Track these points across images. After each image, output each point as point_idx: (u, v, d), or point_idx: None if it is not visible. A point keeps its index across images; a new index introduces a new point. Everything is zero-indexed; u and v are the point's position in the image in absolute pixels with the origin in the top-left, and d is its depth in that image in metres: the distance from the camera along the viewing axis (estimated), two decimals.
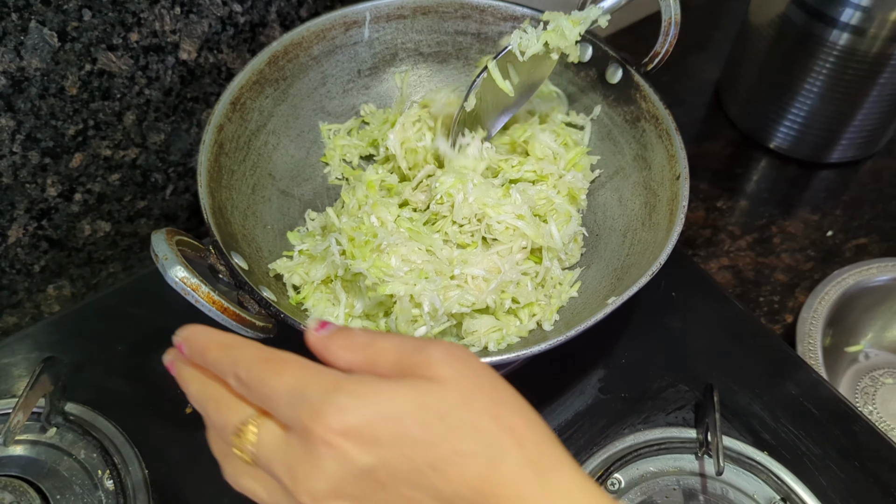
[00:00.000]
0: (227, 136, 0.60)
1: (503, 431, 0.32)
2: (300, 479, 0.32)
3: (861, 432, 0.63)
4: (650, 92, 0.62)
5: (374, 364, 0.35)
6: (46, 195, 0.66)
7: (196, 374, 0.38)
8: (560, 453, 0.33)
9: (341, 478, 0.31)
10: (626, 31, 1.10)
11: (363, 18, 0.68)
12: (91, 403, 0.62)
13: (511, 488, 0.31)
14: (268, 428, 0.34)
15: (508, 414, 0.33)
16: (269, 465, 0.33)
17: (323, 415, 0.31)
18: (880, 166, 0.94)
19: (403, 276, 0.54)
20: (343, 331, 0.36)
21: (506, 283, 0.56)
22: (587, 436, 0.62)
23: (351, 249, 0.55)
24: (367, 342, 0.35)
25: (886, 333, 0.82)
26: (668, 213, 0.57)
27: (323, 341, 0.36)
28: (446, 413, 0.32)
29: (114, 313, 0.69)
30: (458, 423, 0.32)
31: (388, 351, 0.35)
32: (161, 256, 0.44)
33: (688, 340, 0.69)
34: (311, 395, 0.32)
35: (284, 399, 0.33)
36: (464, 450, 0.31)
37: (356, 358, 0.35)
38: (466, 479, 0.31)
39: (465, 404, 0.32)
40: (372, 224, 0.57)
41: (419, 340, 0.35)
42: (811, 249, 0.85)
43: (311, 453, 0.31)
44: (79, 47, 0.60)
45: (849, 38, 0.79)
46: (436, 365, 0.33)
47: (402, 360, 0.34)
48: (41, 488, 0.57)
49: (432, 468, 0.31)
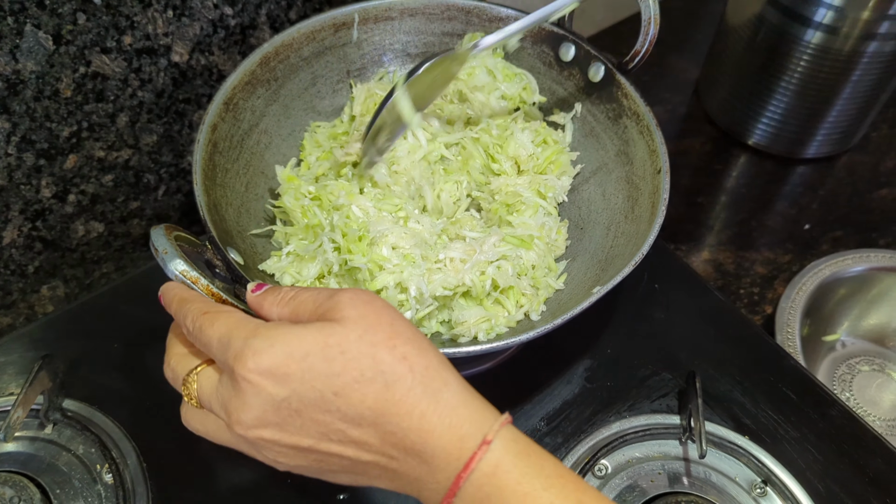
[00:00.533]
0: (221, 135, 0.61)
1: (396, 360, 0.38)
2: (231, 413, 0.38)
3: (838, 416, 0.65)
4: (631, 90, 0.64)
5: (298, 314, 0.41)
6: (41, 196, 0.67)
7: (170, 338, 0.46)
8: (448, 375, 0.39)
9: (263, 409, 0.37)
10: (607, 31, 1.12)
11: (352, 20, 0.70)
12: (89, 400, 0.63)
13: (404, 406, 0.37)
14: (206, 374, 0.41)
15: (402, 344, 0.38)
16: (210, 405, 0.41)
17: (243, 357, 0.37)
18: (855, 161, 0.97)
19: (392, 267, 0.56)
20: (274, 288, 0.43)
21: (483, 264, 0.58)
22: (574, 423, 0.64)
23: (346, 245, 0.57)
24: (292, 296, 0.42)
25: (862, 322, 0.84)
26: (650, 206, 0.59)
27: (258, 299, 0.43)
28: (347, 348, 0.37)
29: (108, 312, 0.70)
30: (357, 354, 0.37)
31: (308, 301, 0.41)
32: (161, 250, 0.45)
33: (671, 331, 0.71)
34: (234, 341, 0.38)
35: (216, 346, 0.39)
36: (362, 377, 0.37)
37: (284, 311, 0.42)
38: (366, 402, 0.37)
39: (364, 338, 0.38)
40: (358, 217, 0.58)
41: (332, 290, 0.41)
42: (789, 242, 0.88)
43: (237, 391, 0.38)
44: (73, 50, 0.61)
45: (823, 37, 0.81)
46: (343, 307, 0.39)
47: (318, 308, 0.40)
48: (41, 483, 0.58)
49: (336, 395, 0.37)
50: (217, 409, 0.40)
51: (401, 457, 0.38)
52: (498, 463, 0.37)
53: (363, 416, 0.37)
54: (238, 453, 0.42)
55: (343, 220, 0.59)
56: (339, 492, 0.60)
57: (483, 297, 0.59)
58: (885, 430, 0.78)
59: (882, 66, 0.83)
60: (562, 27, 0.69)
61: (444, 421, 0.37)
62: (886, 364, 0.82)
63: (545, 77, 0.72)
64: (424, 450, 0.37)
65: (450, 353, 0.52)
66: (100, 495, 0.58)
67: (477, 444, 0.37)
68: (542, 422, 0.64)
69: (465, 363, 0.67)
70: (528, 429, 0.64)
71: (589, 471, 0.60)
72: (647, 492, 0.59)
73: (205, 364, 0.42)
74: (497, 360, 0.67)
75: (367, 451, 0.38)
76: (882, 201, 0.92)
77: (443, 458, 0.37)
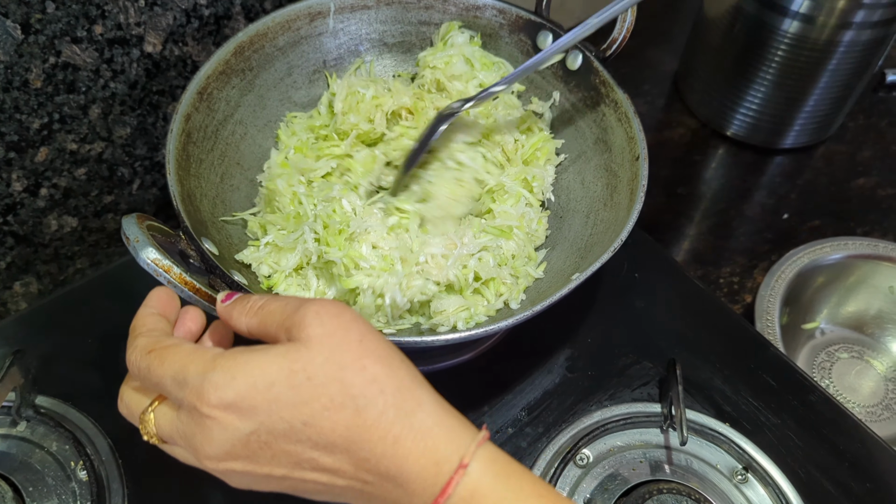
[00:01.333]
0: (195, 125, 0.60)
1: (367, 382, 0.36)
2: (198, 449, 0.37)
3: (817, 402, 0.65)
4: (608, 77, 0.64)
5: (265, 325, 0.39)
6: (11, 190, 0.66)
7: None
8: (421, 394, 0.37)
9: (230, 443, 0.36)
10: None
11: (327, 9, 0.69)
12: (62, 396, 0.62)
13: (377, 431, 0.36)
14: (162, 412, 0.39)
15: (371, 364, 0.37)
16: (172, 440, 0.39)
17: (204, 394, 0.36)
18: (832, 151, 0.97)
19: (369, 268, 0.55)
20: (242, 298, 0.42)
21: (465, 258, 0.57)
22: (556, 413, 0.64)
23: (325, 237, 0.56)
24: (260, 305, 0.40)
25: (841, 310, 0.85)
26: (628, 193, 0.59)
27: (227, 309, 0.42)
28: (314, 374, 0.36)
29: (82, 307, 0.69)
30: (324, 380, 0.36)
31: (276, 312, 0.39)
32: (132, 239, 0.45)
33: (651, 320, 0.71)
34: (190, 378, 0.36)
35: (170, 385, 0.37)
36: (331, 404, 0.35)
37: (252, 321, 0.40)
38: (337, 430, 0.35)
39: (331, 361, 0.36)
40: (345, 210, 0.58)
41: (299, 301, 0.39)
42: (768, 232, 0.88)
43: (201, 427, 0.36)
44: (42, 40, 0.60)
45: (799, 27, 0.81)
46: (309, 324, 0.37)
47: (286, 320, 0.38)
48: (13, 481, 0.57)
49: (305, 424, 0.35)
50: (181, 443, 0.38)
51: (376, 482, 0.36)
52: (476, 487, 0.36)
53: (335, 444, 0.36)
54: None
55: (328, 211, 0.58)
56: None
57: (464, 289, 0.59)
58: (865, 416, 0.78)
59: (858, 55, 0.83)
60: (540, 16, 0.69)
61: (419, 445, 0.36)
62: (865, 351, 0.83)
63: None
64: (400, 474, 0.36)
65: (429, 342, 0.52)
66: (74, 493, 0.57)
67: (453, 468, 0.36)
68: (523, 412, 0.64)
69: (445, 353, 0.66)
70: (510, 419, 0.63)
71: (570, 460, 0.60)
72: (628, 480, 0.59)
73: (157, 400, 0.40)
74: (477, 350, 0.67)
75: (341, 476, 0.37)
76: (859, 190, 0.93)
77: (419, 483, 0.36)
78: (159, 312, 0.44)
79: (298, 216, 0.60)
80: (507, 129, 0.66)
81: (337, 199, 0.58)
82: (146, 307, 0.44)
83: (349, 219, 0.57)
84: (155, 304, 0.44)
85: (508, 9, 0.70)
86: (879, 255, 0.82)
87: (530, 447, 0.62)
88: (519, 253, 0.61)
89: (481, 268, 0.57)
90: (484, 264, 0.58)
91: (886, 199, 0.92)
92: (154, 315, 0.43)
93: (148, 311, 0.44)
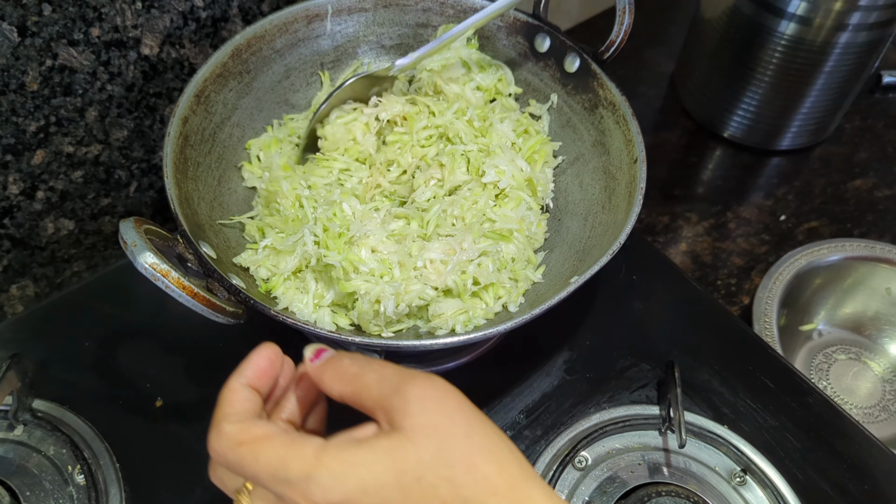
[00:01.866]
0: (192, 128, 0.60)
1: (478, 483, 0.35)
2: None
3: (815, 404, 0.65)
4: (606, 80, 0.64)
5: (360, 397, 0.38)
6: (8, 193, 0.66)
7: None
8: (532, 492, 0.36)
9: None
10: (584, 25, 1.12)
11: (325, 12, 0.69)
12: (59, 400, 0.62)
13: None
14: (260, 495, 0.37)
15: (482, 462, 0.35)
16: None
17: (310, 495, 0.34)
18: (829, 152, 0.97)
19: (367, 273, 0.55)
20: (334, 361, 0.40)
21: (464, 263, 0.57)
22: (554, 416, 0.64)
23: (325, 240, 0.56)
24: (354, 374, 0.38)
25: (838, 311, 0.85)
26: (626, 196, 0.59)
27: (317, 371, 0.40)
28: (422, 475, 0.34)
29: (79, 310, 0.69)
30: (434, 480, 0.34)
31: (373, 387, 0.37)
32: (130, 243, 0.44)
33: (649, 322, 0.71)
34: (293, 477, 0.34)
35: (268, 480, 0.35)
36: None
37: (345, 390, 0.38)
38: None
39: (441, 459, 0.35)
40: (345, 213, 0.58)
41: (398, 378, 0.37)
42: (765, 233, 0.88)
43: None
44: (39, 42, 0.60)
45: (796, 28, 0.81)
46: (412, 414, 0.35)
47: (384, 400, 0.36)
48: (10, 486, 0.57)
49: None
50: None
51: None
52: None
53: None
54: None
55: (329, 214, 0.58)
56: None
57: (463, 293, 0.58)
58: (862, 417, 0.78)
59: (854, 56, 0.84)
60: (537, 18, 0.69)
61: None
62: (863, 353, 0.83)
63: (521, 68, 0.71)
64: None
65: (427, 346, 0.52)
66: (72, 497, 0.57)
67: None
68: (521, 414, 0.64)
69: (443, 356, 0.66)
70: (508, 422, 0.63)
71: (569, 463, 0.60)
72: (627, 483, 0.59)
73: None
74: (476, 352, 0.67)
75: None
76: (856, 191, 0.93)
77: None
78: (252, 384, 0.40)
79: (297, 219, 0.60)
80: (503, 132, 0.66)
81: (338, 203, 0.58)
82: (240, 376, 0.40)
83: (349, 222, 0.57)
84: (251, 374, 0.41)
85: (506, 11, 0.69)
86: (877, 256, 0.82)
87: (529, 450, 0.62)
88: (518, 256, 0.61)
89: (480, 273, 0.57)
90: (483, 269, 0.58)
91: (883, 200, 0.92)
92: (245, 390, 0.40)
93: (239, 383, 0.40)
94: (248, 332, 0.52)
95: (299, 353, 0.41)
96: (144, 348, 0.66)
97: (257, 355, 0.41)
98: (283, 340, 0.43)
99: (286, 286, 0.59)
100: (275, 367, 0.42)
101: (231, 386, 0.40)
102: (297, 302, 0.58)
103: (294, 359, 0.43)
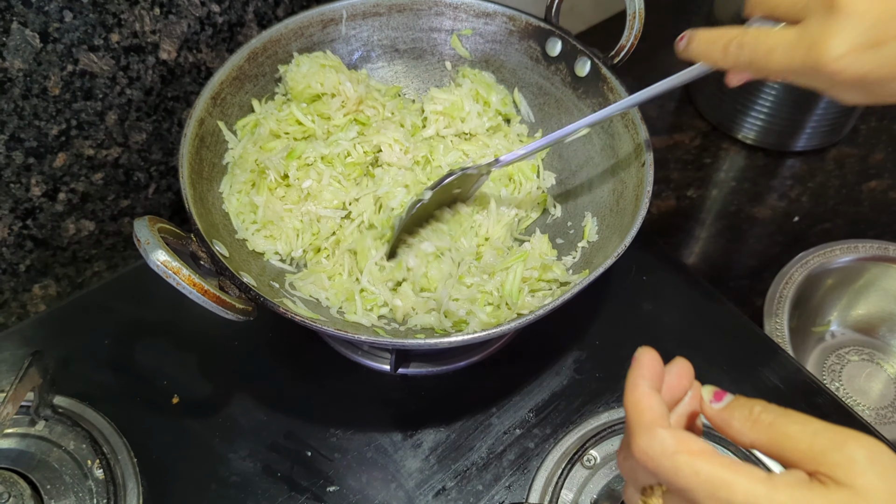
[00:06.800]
0: (208, 129, 0.62)
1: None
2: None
3: (825, 405, 0.65)
4: (616, 84, 0.65)
5: (782, 448, 0.35)
6: (31, 195, 0.68)
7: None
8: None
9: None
10: (597, 27, 1.12)
11: (340, 16, 0.70)
12: (79, 396, 0.64)
13: None
14: (672, 501, 0.36)
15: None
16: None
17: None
18: (844, 154, 0.97)
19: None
20: (741, 405, 0.37)
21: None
22: (563, 414, 0.64)
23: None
24: (770, 423, 0.36)
25: (851, 312, 0.85)
26: (634, 199, 0.60)
27: (721, 415, 0.38)
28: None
29: (99, 309, 0.71)
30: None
31: (798, 439, 0.34)
32: (143, 241, 0.46)
33: (659, 323, 0.71)
34: (736, 500, 0.33)
35: (703, 497, 0.34)
36: None
37: (760, 438, 0.36)
38: None
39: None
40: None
41: (835, 433, 0.34)
42: (778, 235, 0.88)
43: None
44: (60, 48, 0.61)
45: None
46: (860, 472, 0.33)
47: (817, 456, 0.34)
48: (32, 479, 0.58)
49: None
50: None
51: None
52: None
53: None
54: (226, 445, 0.40)
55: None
56: (327, 484, 0.60)
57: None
58: (875, 419, 0.78)
59: None
60: (549, 22, 0.69)
61: None
62: (875, 354, 0.83)
63: (532, 72, 0.72)
64: None
65: (436, 344, 0.52)
66: (91, 490, 0.58)
67: None
68: (531, 413, 0.65)
69: (455, 355, 0.67)
70: (517, 420, 0.64)
71: (578, 461, 0.60)
72: None
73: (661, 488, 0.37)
74: (486, 351, 0.68)
75: None
76: (871, 193, 0.93)
77: None
78: (653, 385, 0.39)
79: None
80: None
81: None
82: (642, 379, 0.39)
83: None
84: (648, 374, 0.40)
85: (518, 15, 0.70)
86: (890, 257, 0.82)
87: (538, 448, 0.63)
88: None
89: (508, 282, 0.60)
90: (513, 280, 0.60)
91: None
92: (655, 395, 0.38)
93: (645, 386, 0.39)
94: (259, 325, 0.52)
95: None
96: (162, 346, 0.68)
97: (644, 355, 0.41)
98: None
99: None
100: (658, 361, 0.41)
101: (642, 389, 0.38)
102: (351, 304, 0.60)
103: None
